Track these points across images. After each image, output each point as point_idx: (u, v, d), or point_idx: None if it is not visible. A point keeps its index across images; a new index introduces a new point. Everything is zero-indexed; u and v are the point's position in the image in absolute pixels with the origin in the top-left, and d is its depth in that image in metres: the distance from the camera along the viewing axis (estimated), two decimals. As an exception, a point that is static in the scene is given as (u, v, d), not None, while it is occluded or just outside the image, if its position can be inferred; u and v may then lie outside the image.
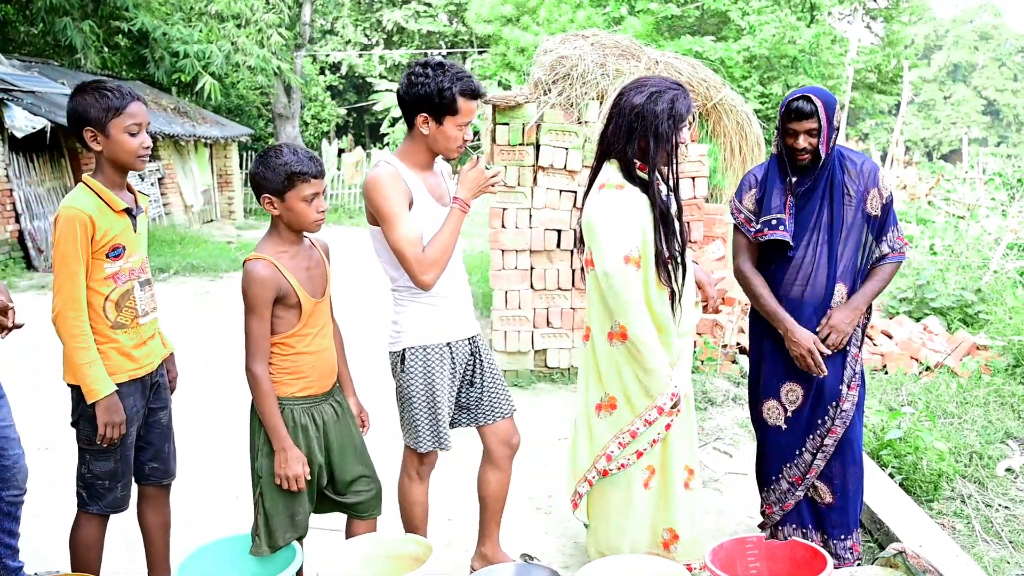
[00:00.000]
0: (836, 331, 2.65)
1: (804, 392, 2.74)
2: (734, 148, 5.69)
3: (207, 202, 16.20)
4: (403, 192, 2.40)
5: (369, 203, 2.43)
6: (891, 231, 2.72)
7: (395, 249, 2.40)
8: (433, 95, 2.37)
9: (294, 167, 2.22)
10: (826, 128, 2.60)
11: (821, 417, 2.73)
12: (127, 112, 2.24)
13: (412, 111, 2.43)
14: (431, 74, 2.37)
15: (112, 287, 2.30)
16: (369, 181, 2.42)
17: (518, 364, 5.45)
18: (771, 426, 2.84)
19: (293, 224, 2.29)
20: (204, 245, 12.33)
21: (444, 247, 2.43)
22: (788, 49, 15.12)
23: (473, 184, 2.49)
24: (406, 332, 2.54)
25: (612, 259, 2.38)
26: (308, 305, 2.30)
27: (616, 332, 2.45)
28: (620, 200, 2.43)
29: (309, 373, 2.34)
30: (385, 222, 2.39)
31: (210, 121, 16.44)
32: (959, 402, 4.72)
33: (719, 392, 5.07)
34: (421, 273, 2.40)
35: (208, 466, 4.02)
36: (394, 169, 2.43)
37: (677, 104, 2.44)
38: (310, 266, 2.36)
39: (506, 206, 5.27)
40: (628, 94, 2.47)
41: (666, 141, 2.44)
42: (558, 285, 5.37)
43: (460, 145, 2.48)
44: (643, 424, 2.49)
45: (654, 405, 2.47)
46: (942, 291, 6.63)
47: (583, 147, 5.19)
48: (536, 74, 5.30)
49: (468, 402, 2.71)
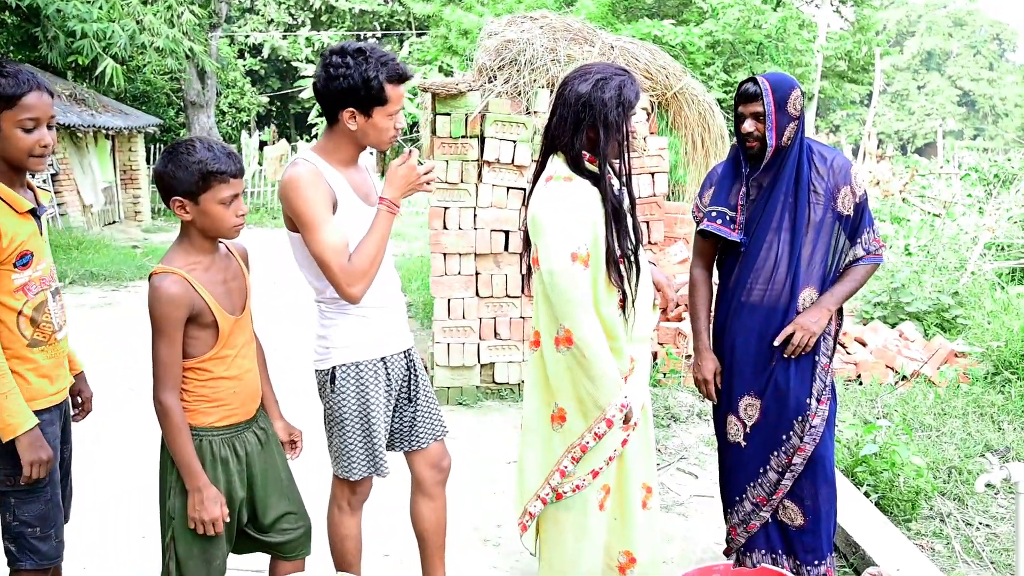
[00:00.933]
0: (801, 329, 2.70)
1: (761, 406, 2.80)
2: (696, 141, 5.79)
3: (109, 201, 15.79)
4: (326, 194, 2.36)
5: (287, 207, 2.38)
6: (866, 232, 2.79)
7: (318, 259, 2.36)
8: (358, 87, 2.34)
9: (209, 165, 2.15)
10: (773, 113, 2.67)
11: (785, 432, 2.78)
12: (22, 104, 2.12)
13: (334, 106, 2.39)
14: (352, 63, 2.33)
15: (24, 300, 2.20)
16: (286, 182, 2.37)
17: (463, 380, 5.43)
18: (732, 443, 2.90)
19: (208, 230, 2.22)
20: (105, 250, 12.01)
21: (373, 254, 2.40)
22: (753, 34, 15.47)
23: (403, 182, 2.46)
24: (335, 348, 2.51)
25: (558, 256, 2.39)
26: (226, 323, 2.25)
27: (562, 337, 2.47)
28: (569, 193, 2.45)
29: (230, 400, 2.29)
30: (306, 228, 2.35)
31: (112, 110, 16.04)
32: (937, 413, 4.87)
33: (683, 407, 5.13)
34: (348, 285, 2.37)
35: (111, 502, 3.91)
36: (314, 167, 2.39)
37: (625, 90, 2.48)
38: (227, 278, 2.29)
39: (447, 205, 5.26)
40: (572, 83, 2.50)
41: (616, 131, 2.48)
42: (506, 292, 5.38)
43: (393, 135, 2.46)
44: (593, 438, 2.51)
45: (603, 417, 2.48)
46: (918, 294, 6.84)
47: (532, 140, 5.21)
48: (480, 59, 5.31)
49: (401, 424, 2.70)
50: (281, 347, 6.25)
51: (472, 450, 4.57)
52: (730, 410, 2.88)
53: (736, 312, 2.82)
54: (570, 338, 2.44)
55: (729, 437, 2.90)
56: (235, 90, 25.80)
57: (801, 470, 2.78)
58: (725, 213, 2.81)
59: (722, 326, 2.89)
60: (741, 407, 2.84)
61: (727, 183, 2.85)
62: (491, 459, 4.46)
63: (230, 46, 26.35)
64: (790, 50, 16.51)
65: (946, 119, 42.93)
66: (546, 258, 2.42)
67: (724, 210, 2.82)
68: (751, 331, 2.79)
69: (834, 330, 2.82)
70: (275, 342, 6.00)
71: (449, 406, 5.33)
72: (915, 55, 47.17)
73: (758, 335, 2.77)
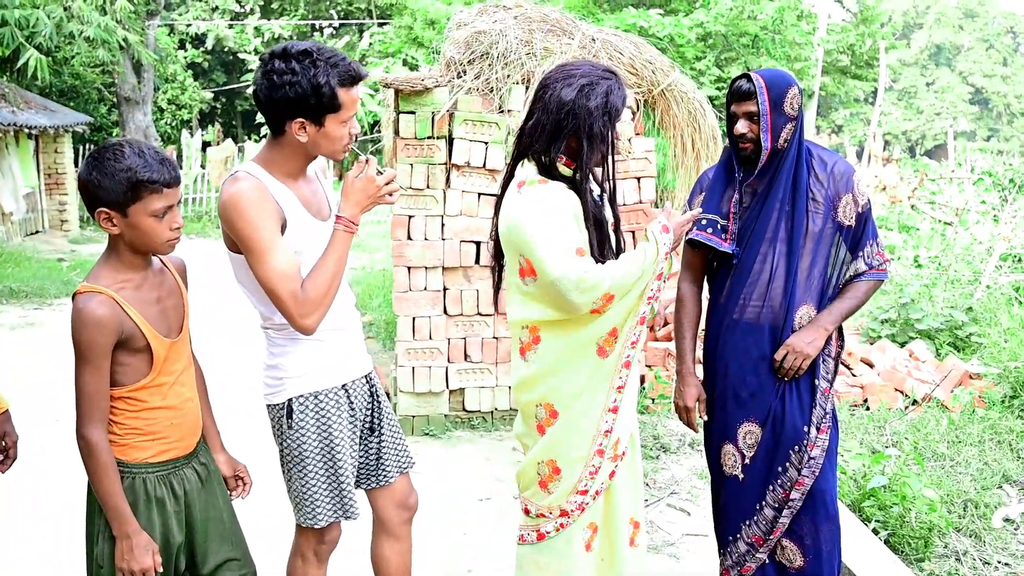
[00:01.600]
0: (794, 351, 2.73)
1: (761, 433, 2.81)
2: (686, 142, 5.84)
3: (31, 209, 15.61)
4: (273, 213, 2.31)
5: (229, 229, 2.33)
6: (869, 244, 2.82)
7: (267, 287, 2.31)
8: (307, 95, 2.29)
9: (139, 173, 2.11)
10: (769, 113, 2.70)
11: (782, 463, 2.79)
12: None
13: (280, 117, 2.34)
14: (298, 68, 2.27)
15: None
16: (227, 202, 2.31)
17: (429, 407, 5.42)
18: (728, 476, 2.90)
19: (138, 245, 2.20)
20: (27, 264, 11.86)
21: (329, 280, 2.36)
22: (748, 25, 15.67)
23: (361, 195, 2.42)
24: (290, 378, 2.48)
25: (564, 258, 2.39)
26: (161, 348, 2.23)
27: (603, 298, 2.46)
28: (548, 194, 2.47)
29: (167, 432, 2.26)
30: (252, 254, 2.30)
31: (36, 106, 15.88)
32: (951, 441, 4.92)
33: (673, 436, 5.15)
34: (302, 316, 2.33)
35: (32, 549, 3.85)
36: (258, 182, 2.34)
37: (612, 97, 2.49)
38: (162, 296, 2.27)
39: (412, 213, 5.26)
40: (554, 87, 2.51)
41: (601, 141, 2.50)
42: (477, 310, 5.38)
43: (347, 143, 2.43)
44: (628, 349, 2.52)
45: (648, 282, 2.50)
46: (929, 311, 6.93)
47: (505, 141, 5.23)
48: (448, 52, 5.33)
49: (367, 457, 2.68)
50: (225, 372, 6.19)
51: (440, 485, 4.55)
52: (726, 439, 2.89)
53: (729, 331, 2.84)
54: (609, 296, 2.44)
55: (725, 470, 2.90)
56: (175, 85, 25.64)
57: (800, 506, 2.79)
58: (716, 221, 2.84)
59: (714, 346, 2.90)
60: (740, 435, 2.85)
61: (719, 188, 2.87)
62: (461, 495, 4.44)
63: (170, 36, 26.23)
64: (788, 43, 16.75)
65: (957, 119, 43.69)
66: (551, 266, 2.40)
67: (715, 218, 2.84)
68: (746, 352, 2.80)
69: (835, 351, 2.84)
70: (218, 366, 5.94)
71: (414, 437, 5.31)
72: (923, 49, 48.00)
73: (757, 356, 2.79)
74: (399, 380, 5.36)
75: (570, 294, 2.40)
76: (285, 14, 27.85)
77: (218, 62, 29.03)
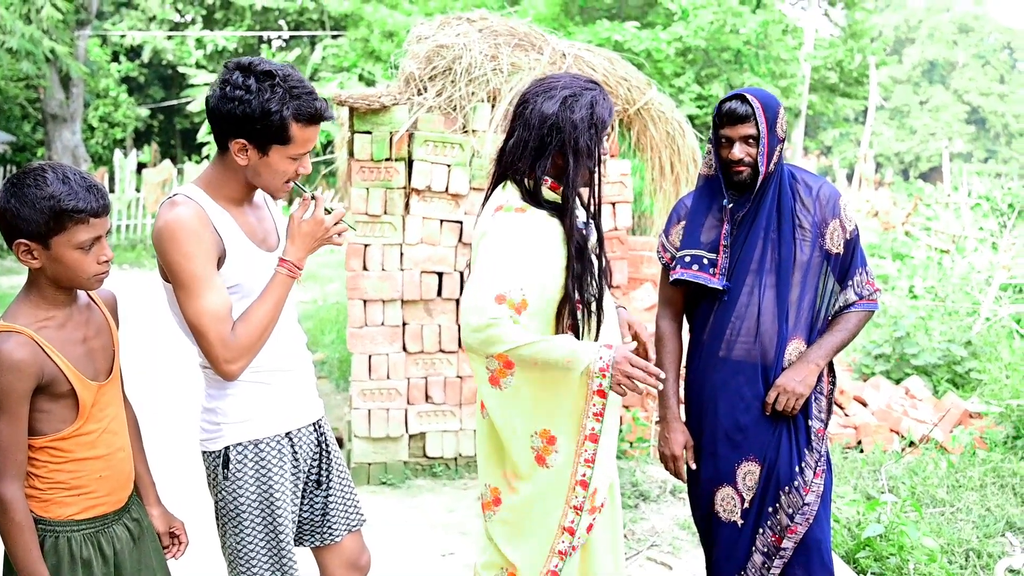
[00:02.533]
0: (785, 392, 2.76)
1: (760, 472, 2.83)
2: (664, 165, 5.90)
3: (-53, 236, 15.40)
4: (210, 245, 2.31)
5: (162, 258, 2.32)
6: (858, 273, 2.87)
7: (193, 326, 2.31)
8: (254, 116, 2.28)
9: (63, 202, 2.09)
10: (766, 136, 2.74)
11: (772, 504, 2.81)
12: None
13: (225, 131, 2.35)
14: (254, 87, 2.28)
15: None
16: (162, 229, 2.30)
17: (387, 454, 5.38)
18: (725, 523, 2.90)
19: (62, 280, 2.17)
20: (-59, 297, 11.66)
21: (262, 326, 2.36)
22: (730, 40, 15.92)
23: (308, 238, 2.43)
24: (228, 423, 2.46)
25: (481, 293, 2.38)
26: (88, 393, 2.20)
27: (495, 369, 2.46)
28: (520, 225, 2.47)
29: (95, 486, 2.23)
30: (182, 288, 2.29)
31: (-48, 124, 15.72)
32: (950, 486, 4.97)
33: (653, 483, 5.15)
34: (226, 361, 2.32)
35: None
36: (198, 209, 2.33)
37: (597, 108, 2.52)
38: (88, 336, 2.25)
39: (369, 241, 5.25)
40: (535, 101, 2.53)
41: (588, 156, 2.51)
42: (439, 346, 5.37)
43: (289, 180, 2.43)
44: (587, 463, 2.49)
45: (590, 398, 2.45)
46: (925, 345, 7.02)
47: (470, 163, 5.26)
48: (408, 67, 5.36)
49: (312, 513, 2.66)
50: (160, 416, 6.12)
51: (398, 540, 4.51)
52: (721, 483, 2.89)
53: (715, 370, 2.85)
54: (508, 361, 2.43)
55: (722, 515, 2.90)
56: (108, 101, 25.51)
57: (791, 554, 2.80)
58: (701, 257, 2.85)
59: (699, 387, 2.91)
60: (740, 477, 2.85)
61: (699, 218, 2.89)
62: (422, 551, 4.41)
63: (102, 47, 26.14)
64: (773, 59, 17.03)
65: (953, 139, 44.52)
66: (466, 296, 2.43)
67: (700, 253, 2.85)
68: (737, 391, 2.82)
69: (827, 388, 2.88)
70: (153, 410, 5.87)
71: (370, 487, 5.27)
72: (916, 65, 48.99)
73: (749, 395, 2.81)
74: (354, 424, 5.33)
75: (464, 330, 2.43)
76: (230, 25, 27.86)
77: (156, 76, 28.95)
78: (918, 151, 45.97)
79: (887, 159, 45.43)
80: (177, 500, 3.03)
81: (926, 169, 45.12)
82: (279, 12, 27.88)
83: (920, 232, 14.60)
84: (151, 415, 3.09)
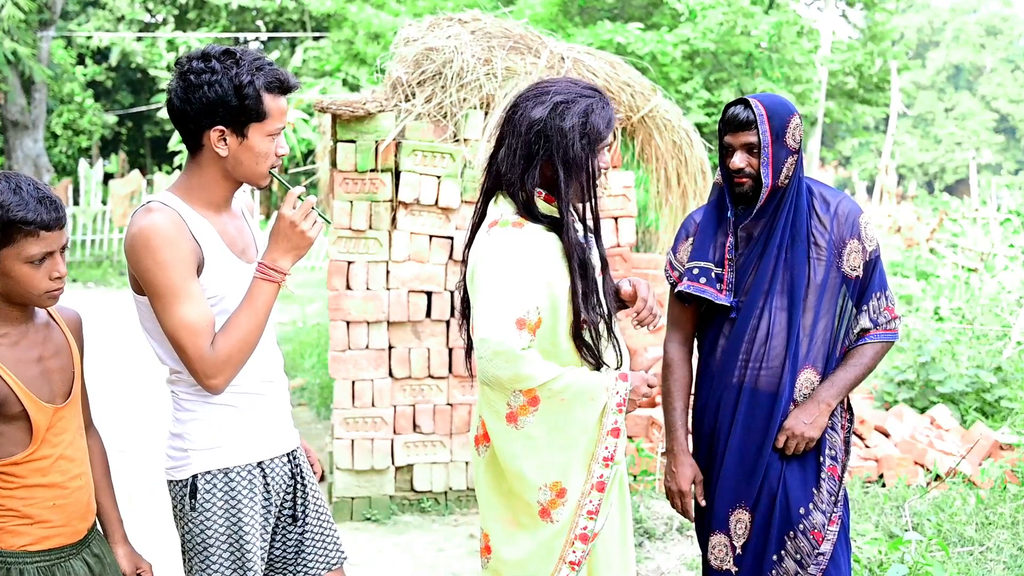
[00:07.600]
0: (794, 436, 2.75)
1: (750, 519, 2.82)
2: (670, 177, 5.91)
3: None
4: (188, 253, 2.33)
5: (135, 268, 2.34)
6: (875, 297, 2.85)
7: (172, 338, 2.33)
8: (228, 96, 2.32)
9: (12, 212, 2.10)
10: (770, 145, 2.74)
11: (776, 552, 2.79)
12: None
13: (197, 126, 2.37)
14: (219, 67, 2.32)
15: None
16: (136, 237, 2.32)
17: (371, 488, 5.37)
18: (717, 571, 2.89)
19: (12, 296, 2.20)
20: None
21: (244, 337, 2.37)
22: (741, 43, 15.96)
23: (279, 236, 2.41)
24: (196, 450, 2.46)
25: (500, 321, 2.38)
26: (42, 416, 2.21)
27: (518, 406, 2.46)
28: (519, 241, 2.47)
29: (49, 515, 2.24)
30: (159, 299, 2.31)
31: (-96, 131, 15.74)
32: (980, 523, 4.96)
33: (659, 520, 5.14)
34: (208, 376, 2.34)
35: None
36: (174, 215, 2.35)
37: (592, 117, 2.51)
38: (44, 355, 2.27)
39: (352, 258, 5.25)
40: (524, 106, 2.53)
41: (579, 169, 2.50)
42: (428, 371, 5.37)
43: (273, 164, 2.46)
44: (594, 487, 2.49)
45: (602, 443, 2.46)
46: (952, 371, 7.01)
47: (462, 174, 5.27)
48: (395, 71, 5.38)
49: (284, 549, 2.66)
50: (130, 446, 6.10)
51: (383, 582, 4.50)
52: (714, 527, 2.89)
53: (724, 399, 2.85)
54: (534, 397, 2.43)
55: (713, 563, 2.89)
56: (72, 107, 25.53)
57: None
58: (710, 270, 2.85)
59: (712, 418, 2.90)
60: (732, 522, 2.85)
61: (710, 233, 2.89)
62: (408, 593, 4.40)
63: (67, 49, 26.16)
64: (787, 63, 17.08)
65: (980, 149, 44.67)
66: (482, 323, 2.42)
67: (709, 266, 2.85)
68: (751, 422, 2.81)
69: (844, 424, 2.87)
70: (121, 439, 5.86)
71: (353, 522, 5.25)
72: (940, 70, 49.22)
73: (760, 428, 2.80)
74: (336, 455, 5.31)
75: (485, 361, 2.41)
76: (204, 25, 27.95)
77: (124, 80, 29.00)
78: (943, 162, 46.11)
79: (910, 171, 45.57)
80: (143, 537, 3.02)
81: (952, 181, 45.25)
82: (257, 12, 28.01)
83: (946, 249, 14.62)
84: (116, 443, 3.09)
